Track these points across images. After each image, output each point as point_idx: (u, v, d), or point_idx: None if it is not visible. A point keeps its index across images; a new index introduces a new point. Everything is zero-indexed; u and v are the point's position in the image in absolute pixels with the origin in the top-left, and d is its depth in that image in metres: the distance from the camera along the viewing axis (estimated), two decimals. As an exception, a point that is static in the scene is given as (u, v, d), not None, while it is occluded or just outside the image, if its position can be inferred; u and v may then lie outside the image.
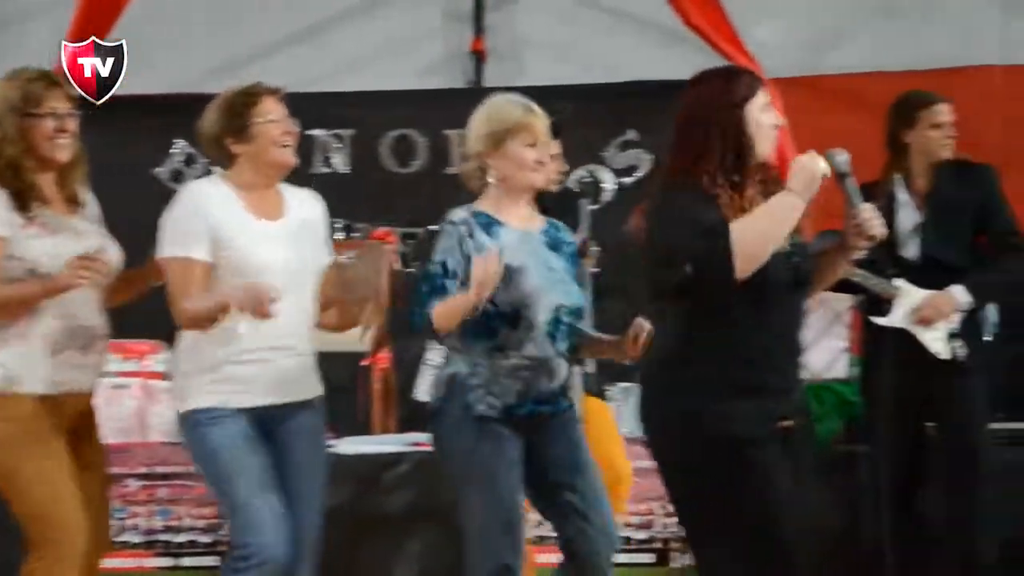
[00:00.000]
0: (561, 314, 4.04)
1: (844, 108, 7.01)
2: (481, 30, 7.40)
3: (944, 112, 5.18)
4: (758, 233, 3.44)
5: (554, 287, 4.04)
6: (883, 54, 7.10)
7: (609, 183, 7.09)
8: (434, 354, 5.88)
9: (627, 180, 7.03)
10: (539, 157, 4.05)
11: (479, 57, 7.36)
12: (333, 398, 6.26)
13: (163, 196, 4.12)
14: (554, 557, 5.32)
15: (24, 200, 4.01)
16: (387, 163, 7.21)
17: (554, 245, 4.13)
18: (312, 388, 4.25)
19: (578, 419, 4.21)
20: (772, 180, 3.63)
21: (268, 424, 4.10)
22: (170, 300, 4.04)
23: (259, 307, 3.86)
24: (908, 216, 5.20)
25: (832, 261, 3.68)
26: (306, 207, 4.25)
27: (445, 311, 3.92)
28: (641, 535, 5.54)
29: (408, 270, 6.77)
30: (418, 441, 5.66)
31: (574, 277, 4.15)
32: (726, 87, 3.58)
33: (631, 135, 7.05)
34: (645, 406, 3.64)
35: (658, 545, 5.52)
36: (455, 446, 4.05)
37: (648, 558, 5.55)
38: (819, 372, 5.09)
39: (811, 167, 3.48)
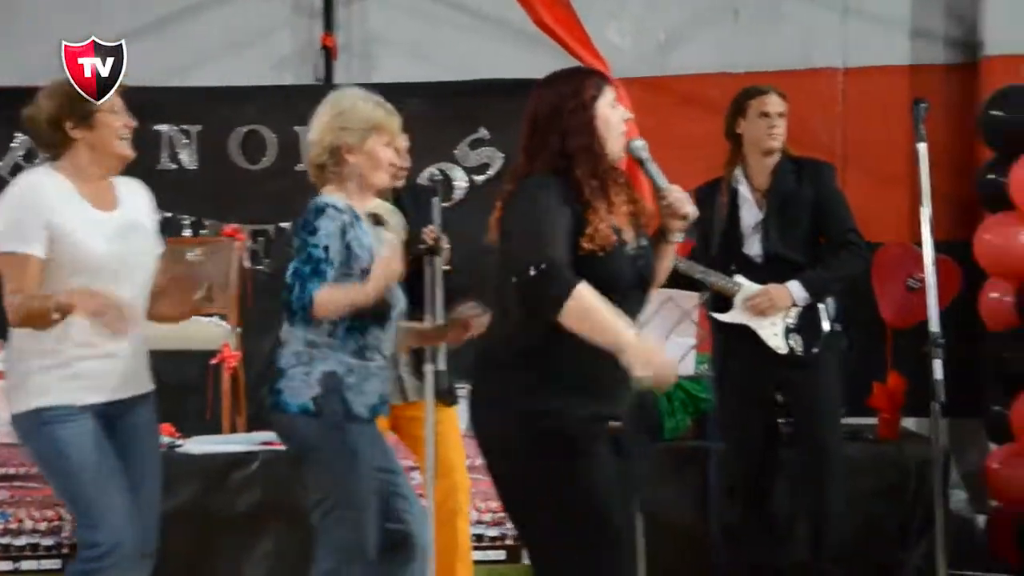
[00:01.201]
0: (400, 313, 4.09)
1: (690, 108, 7.12)
2: (331, 26, 7.35)
3: (772, 102, 5.24)
4: (592, 322, 3.40)
5: (398, 285, 4.06)
6: (728, 56, 7.22)
7: (461, 181, 7.11)
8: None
9: (479, 178, 7.06)
10: (392, 158, 4.08)
11: (329, 53, 7.32)
12: (182, 397, 6.24)
13: (2, 191, 4.02)
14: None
15: None
16: (236, 159, 7.13)
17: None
18: (147, 382, 4.16)
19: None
20: (630, 189, 3.67)
21: (110, 420, 4.02)
22: (2, 295, 3.93)
23: (115, 322, 3.79)
24: (750, 213, 5.28)
25: (659, 253, 3.71)
26: (137, 198, 4.17)
27: (332, 298, 3.84)
28: (492, 532, 5.56)
29: (258, 267, 6.72)
30: (268, 440, 5.61)
31: None
32: (575, 88, 3.59)
33: (483, 133, 7.08)
34: (479, 405, 3.64)
35: (509, 542, 5.54)
36: (334, 449, 3.96)
37: (499, 555, 5.57)
38: (667, 369, 5.13)
39: (663, 365, 3.42)
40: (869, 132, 6.43)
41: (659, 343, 5.02)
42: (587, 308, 3.41)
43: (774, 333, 5.18)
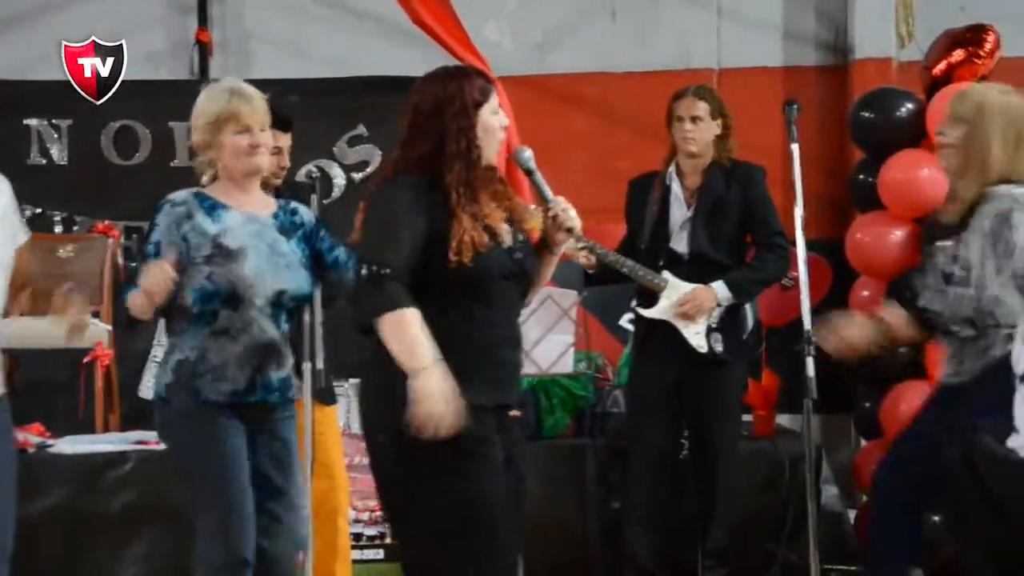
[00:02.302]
0: (284, 299, 4.04)
1: (569, 107, 7.16)
2: (206, 21, 7.26)
3: (683, 106, 5.27)
4: (402, 345, 3.42)
5: (278, 272, 4.03)
6: (606, 56, 7.28)
7: (339, 178, 7.07)
8: (159, 350, 5.77)
9: (357, 175, 7.02)
10: (252, 141, 4.02)
11: (204, 48, 7.22)
12: (53, 396, 6.13)
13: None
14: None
15: None
16: (108, 155, 7.01)
17: (286, 230, 4.11)
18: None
19: (293, 415, 4.19)
20: (506, 189, 3.68)
21: None
22: None
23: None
24: (679, 211, 5.30)
25: (542, 260, 3.72)
26: None
27: (131, 302, 3.93)
28: (371, 531, 5.54)
29: (132, 264, 6.62)
30: (142, 439, 5.54)
31: (306, 262, 4.12)
32: (460, 90, 3.57)
33: (361, 130, 7.04)
34: (365, 400, 3.66)
35: (388, 541, 5.51)
36: (185, 435, 4.00)
37: (377, 554, 5.54)
38: (546, 367, 5.15)
39: (443, 415, 3.40)
40: (744, 132, 6.47)
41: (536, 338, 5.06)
42: (402, 329, 3.41)
43: (696, 332, 5.20)
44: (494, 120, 3.60)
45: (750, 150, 5.56)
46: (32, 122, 6.92)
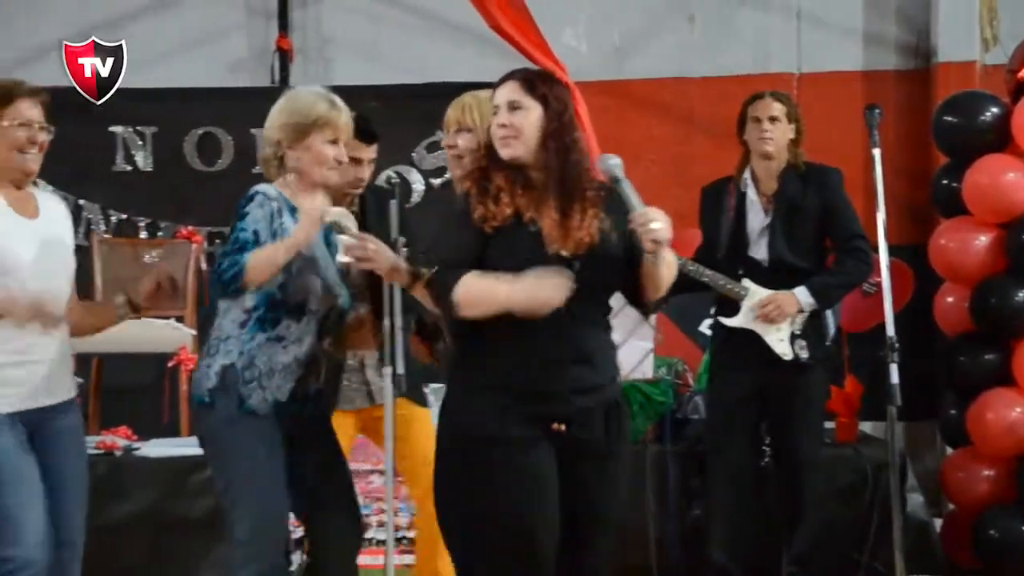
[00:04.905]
0: (332, 313, 3.99)
1: (647, 112, 7.15)
2: (287, 28, 7.32)
3: (762, 107, 5.22)
4: (480, 300, 3.50)
5: (336, 284, 3.99)
6: (684, 61, 7.26)
7: (418, 183, 7.11)
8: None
9: (436, 181, 7.05)
10: (338, 155, 3.96)
11: (285, 55, 7.29)
12: (138, 399, 6.21)
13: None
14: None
15: None
16: (192, 161, 7.09)
17: (328, 242, 4.03)
18: (70, 388, 4.10)
19: (330, 425, 4.16)
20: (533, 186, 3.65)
21: (31, 428, 3.95)
22: None
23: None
24: (756, 217, 5.25)
25: (643, 268, 3.65)
26: (57, 209, 4.11)
27: (257, 259, 3.74)
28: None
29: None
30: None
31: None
32: None
33: (439, 136, 7.04)
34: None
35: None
36: (228, 444, 3.89)
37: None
38: (626, 372, 5.13)
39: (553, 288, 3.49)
40: (824, 137, 6.46)
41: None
42: (475, 291, 3.48)
43: (780, 339, 5.15)
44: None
45: (830, 155, 5.51)
46: (118, 129, 7.03)
